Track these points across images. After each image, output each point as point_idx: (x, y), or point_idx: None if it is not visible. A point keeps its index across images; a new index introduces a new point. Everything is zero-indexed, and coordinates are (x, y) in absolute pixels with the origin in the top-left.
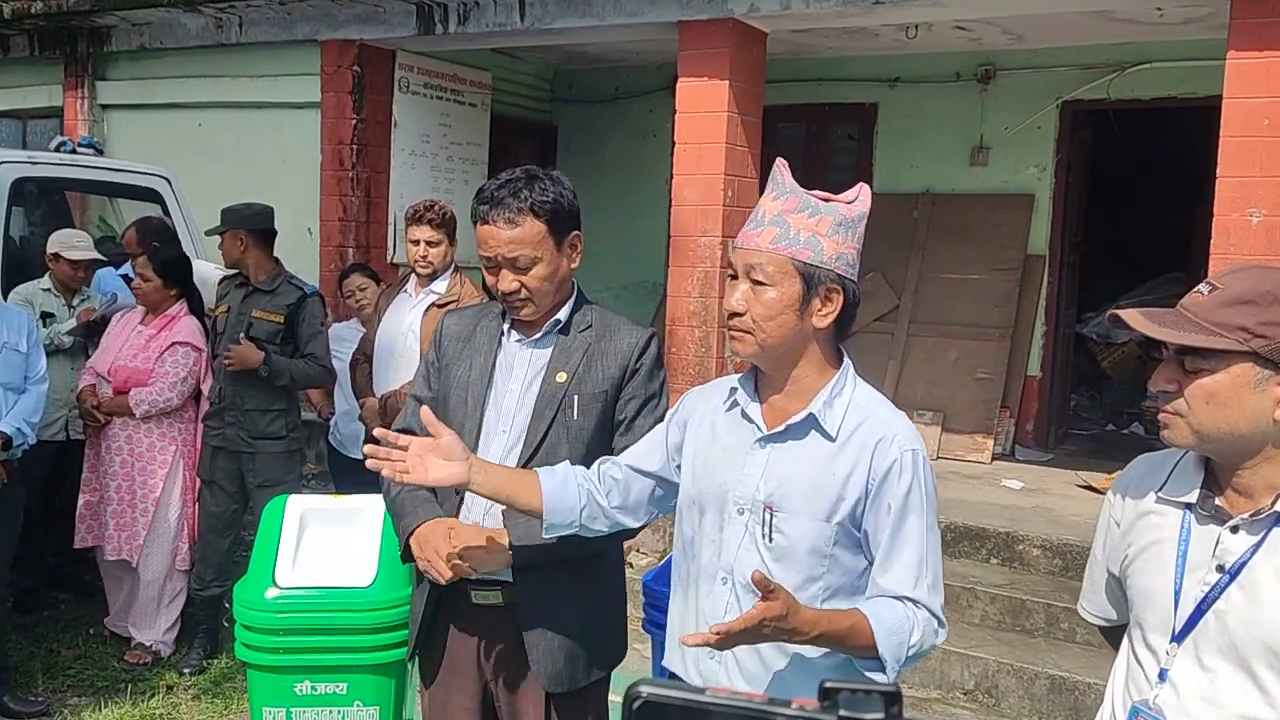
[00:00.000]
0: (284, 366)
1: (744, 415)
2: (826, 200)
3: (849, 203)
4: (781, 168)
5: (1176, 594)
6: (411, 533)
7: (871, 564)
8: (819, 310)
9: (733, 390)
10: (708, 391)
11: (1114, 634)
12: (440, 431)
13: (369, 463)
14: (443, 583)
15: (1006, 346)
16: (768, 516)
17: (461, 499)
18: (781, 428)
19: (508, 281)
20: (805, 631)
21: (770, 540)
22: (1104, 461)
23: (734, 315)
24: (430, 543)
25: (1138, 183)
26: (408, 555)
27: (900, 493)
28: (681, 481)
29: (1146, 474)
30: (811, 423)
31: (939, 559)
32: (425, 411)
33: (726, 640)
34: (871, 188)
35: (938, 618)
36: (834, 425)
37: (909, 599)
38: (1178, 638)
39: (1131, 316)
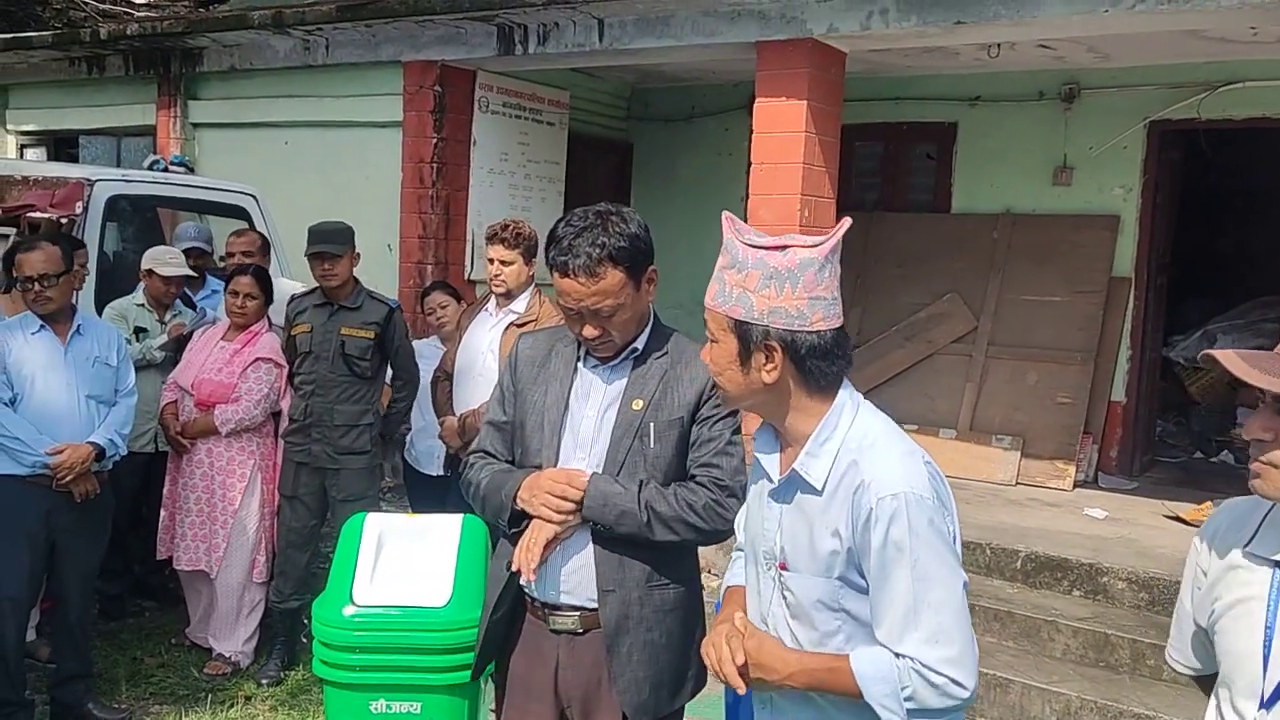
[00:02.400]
0: (398, 418)
1: (762, 467)
2: (765, 251)
3: (783, 250)
4: (726, 220)
5: (1266, 657)
6: (518, 489)
7: None
8: (763, 366)
9: (753, 439)
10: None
11: (1207, 682)
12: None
13: None
14: (555, 519)
15: (1089, 370)
16: (779, 574)
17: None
18: (778, 483)
19: (590, 330)
20: (777, 668)
21: (785, 599)
22: (1192, 491)
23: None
24: (538, 483)
25: (1230, 203)
26: (515, 519)
27: (877, 543)
28: None
29: (1235, 523)
30: (796, 478)
31: (946, 609)
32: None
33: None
34: (950, 207)
35: (943, 674)
36: (819, 477)
37: (899, 654)
38: (1267, 704)
39: (1229, 359)
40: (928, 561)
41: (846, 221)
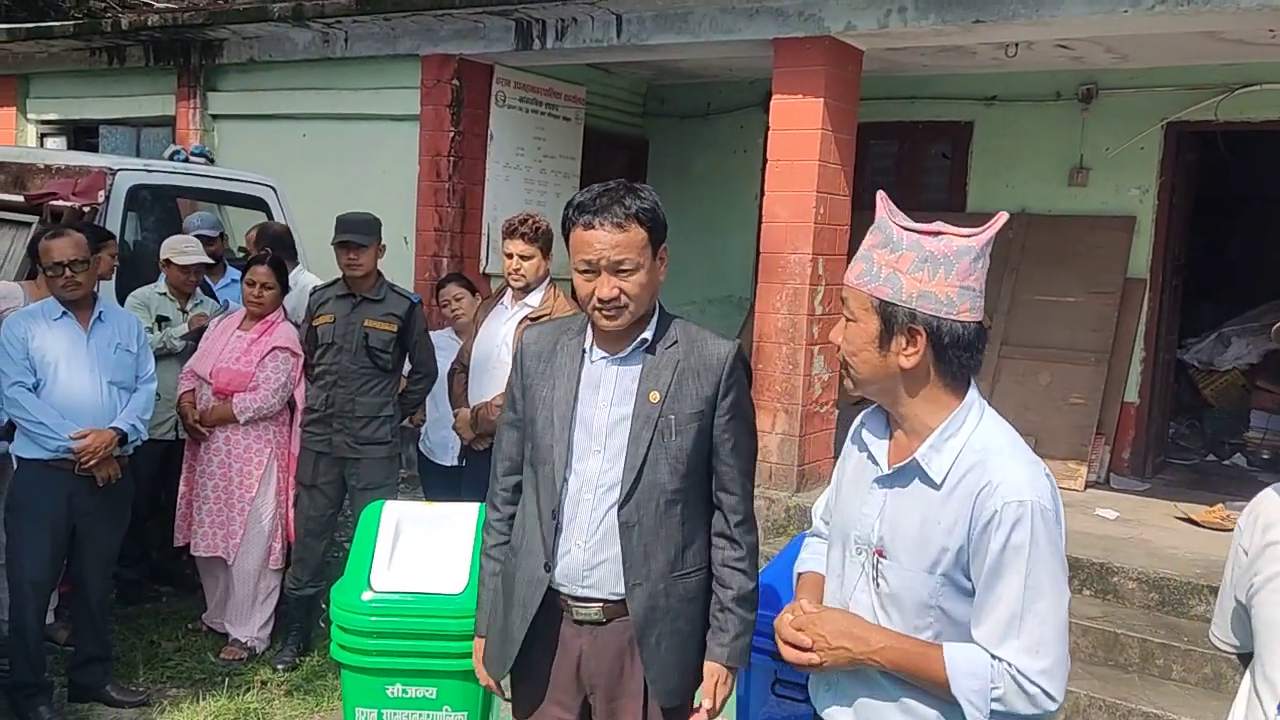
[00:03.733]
0: (408, 408)
1: (869, 452)
2: (919, 234)
3: (938, 235)
4: (880, 200)
5: None
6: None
7: None
8: (903, 349)
9: (861, 425)
10: (862, 418)
11: (1248, 660)
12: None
13: None
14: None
15: (1103, 371)
16: (876, 560)
17: (558, 525)
18: (891, 471)
19: (607, 287)
20: (869, 639)
21: (878, 586)
22: (1204, 493)
23: (840, 349)
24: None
25: (1246, 204)
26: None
27: (996, 546)
28: None
29: (1276, 503)
30: (915, 468)
31: (1050, 622)
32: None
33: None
34: (964, 207)
35: (1037, 684)
36: (940, 471)
37: (995, 657)
38: None
39: None
40: (1041, 572)
41: (1003, 216)
